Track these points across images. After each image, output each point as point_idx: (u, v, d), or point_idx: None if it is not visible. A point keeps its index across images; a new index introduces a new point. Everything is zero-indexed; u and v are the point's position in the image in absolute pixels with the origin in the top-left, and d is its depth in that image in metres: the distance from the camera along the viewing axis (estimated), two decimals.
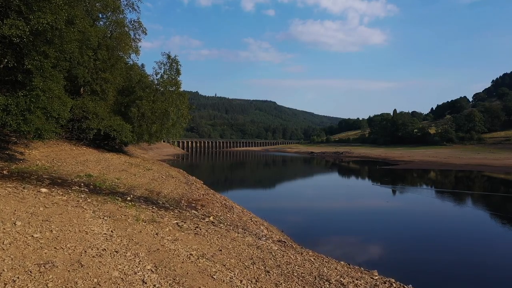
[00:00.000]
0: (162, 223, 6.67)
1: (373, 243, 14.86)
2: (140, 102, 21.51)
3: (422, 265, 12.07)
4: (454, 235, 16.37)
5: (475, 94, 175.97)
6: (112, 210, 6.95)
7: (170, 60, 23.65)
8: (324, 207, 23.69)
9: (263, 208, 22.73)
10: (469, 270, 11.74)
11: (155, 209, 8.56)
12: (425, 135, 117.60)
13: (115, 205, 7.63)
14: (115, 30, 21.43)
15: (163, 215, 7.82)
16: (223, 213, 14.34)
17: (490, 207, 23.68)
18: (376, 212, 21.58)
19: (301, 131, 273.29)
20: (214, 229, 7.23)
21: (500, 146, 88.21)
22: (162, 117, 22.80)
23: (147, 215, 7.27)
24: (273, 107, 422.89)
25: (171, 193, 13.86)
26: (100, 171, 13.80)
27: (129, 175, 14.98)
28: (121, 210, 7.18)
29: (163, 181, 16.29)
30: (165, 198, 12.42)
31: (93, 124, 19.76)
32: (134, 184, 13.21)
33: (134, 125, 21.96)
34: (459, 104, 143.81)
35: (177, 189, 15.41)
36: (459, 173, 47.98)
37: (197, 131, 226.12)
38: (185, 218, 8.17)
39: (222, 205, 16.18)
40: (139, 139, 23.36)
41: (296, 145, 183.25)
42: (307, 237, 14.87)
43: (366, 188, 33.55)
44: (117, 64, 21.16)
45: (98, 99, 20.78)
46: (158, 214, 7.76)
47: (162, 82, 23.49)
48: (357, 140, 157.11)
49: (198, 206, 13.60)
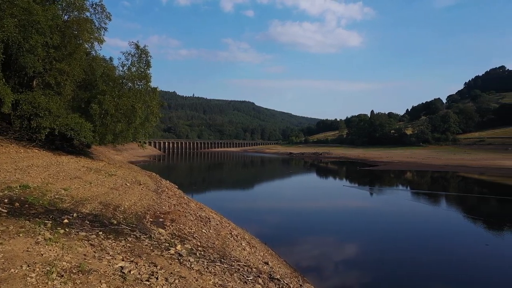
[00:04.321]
0: (96, 273, 4.26)
1: (364, 248, 15.17)
2: (102, 97, 18.68)
3: (403, 266, 12.89)
4: (436, 236, 16.86)
5: (449, 96, 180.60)
6: (16, 251, 4.47)
7: (139, 51, 20.89)
8: (305, 209, 23.91)
9: (243, 211, 23.14)
10: (440, 269, 12.27)
11: (99, 238, 6.12)
12: (402, 136, 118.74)
13: (31, 238, 5.14)
14: (73, 13, 18.56)
15: (106, 250, 5.40)
16: (197, 229, 11.96)
17: (477, 209, 24.36)
18: (374, 215, 21.40)
19: (279, 131, 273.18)
20: (178, 274, 4.90)
21: (474, 147, 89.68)
22: (129, 115, 20.03)
23: (77, 254, 4.83)
24: (251, 108, 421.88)
25: (134, 206, 11.35)
26: (44, 180, 11.11)
27: (82, 183, 12.33)
28: (35, 248, 4.70)
29: (126, 190, 13.72)
30: (124, 214, 9.92)
31: (45, 123, 16.87)
32: (86, 196, 10.63)
33: (96, 124, 19.12)
34: (434, 106, 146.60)
35: (143, 200, 12.89)
36: (441, 174, 47.66)
37: (174, 131, 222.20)
38: (140, 252, 5.77)
39: (196, 218, 13.78)
40: (102, 139, 20.48)
41: (275, 145, 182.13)
42: (287, 244, 15.26)
43: (352, 191, 32.13)
44: (76, 53, 18.29)
45: (53, 94, 17.87)
46: (98, 249, 5.34)
47: (129, 75, 20.70)
48: (335, 141, 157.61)
49: (167, 222, 11.16)
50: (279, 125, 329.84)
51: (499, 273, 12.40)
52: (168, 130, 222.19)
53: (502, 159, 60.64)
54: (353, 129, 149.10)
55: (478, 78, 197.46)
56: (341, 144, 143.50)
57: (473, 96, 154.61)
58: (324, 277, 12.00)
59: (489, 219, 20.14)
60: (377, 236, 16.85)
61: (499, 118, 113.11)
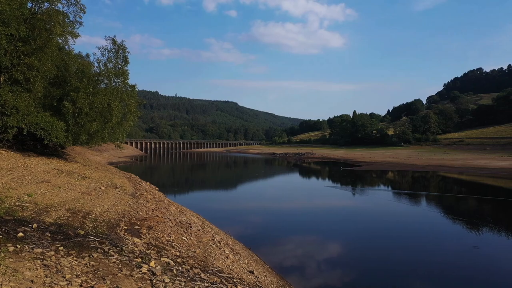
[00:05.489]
0: None
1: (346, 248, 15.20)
2: (76, 95, 17.45)
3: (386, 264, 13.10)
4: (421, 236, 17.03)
5: (429, 97, 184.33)
6: None
7: (116, 46, 19.73)
8: (288, 210, 24.01)
9: (226, 211, 22.91)
10: (421, 267, 12.56)
11: (57, 255, 5.22)
12: (383, 136, 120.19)
13: None
14: (43, 4, 17.28)
15: (63, 271, 4.52)
16: (177, 236, 11.08)
17: (457, 208, 24.96)
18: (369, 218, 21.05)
19: (262, 132, 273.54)
20: None
21: (454, 147, 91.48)
22: (105, 114, 18.84)
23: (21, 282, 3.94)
24: (234, 108, 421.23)
25: (107, 212, 10.39)
26: (5, 185, 10.02)
27: (50, 188, 11.26)
28: None
29: (100, 194, 12.70)
30: (95, 222, 8.97)
31: (12, 122, 15.59)
32: (52, 203, 9.61)
33: (69, 123, 17.88)
34: (415, 106, 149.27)
35: (118, 205, 11.91)
36: (422, 174, 48.03)
37: (156, 131, 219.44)
38: (105, 272, 4.91)
39: (176, 224, 12.88)
40: (75, 140, 19.21)
41: (258, 146, 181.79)
42: (271, 245, 15.20)
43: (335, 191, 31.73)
44: (47, 48, 17.01)
45: (21, 90, 16.57)
46: (53, 271, 4.45)
47: (105, 72, 19.51)
48: (318, 141, 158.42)
49: (143, 230, 10.25)
50: (262, 125, 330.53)
51: (478, 269, 12.71)
52: (150, 130, 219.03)
53: (481, 159, 61.85)
54: (335, 129, 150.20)
55: (457, 79, 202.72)
56: (324, 144, 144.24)
57: (452, 97, 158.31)
58: (309, 279, 11.92)
59: (471, 219, 20.31)
60: (363, 237, 16.92)
61: (477, 119, 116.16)
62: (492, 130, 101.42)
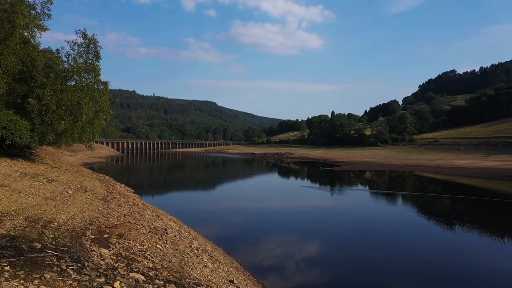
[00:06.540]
0: None
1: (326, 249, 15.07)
2: (42, 91, 16.18)
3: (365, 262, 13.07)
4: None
5: (405, 98, 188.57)
6: None
7: (86, 40, 18.51)
8: (267, 210, 23.82)
9: (204, 212, 22.26)
10: (397, 266, 12.78)
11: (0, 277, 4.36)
12: (361, 136, 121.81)
13: None
14: None
15: None
16: (151, 245, 10.22)
17: (432, 207, 25.33)
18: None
19: (241, 132, 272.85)
20: None
21: (429, 147, 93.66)
22: (74, 112, 17.61)
23: None
24: (213, 108, 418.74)
25: (72, 220, 9.43)
26: None
27: (8, 193, 10.18)
28: None
29: (66, 199, 11.66)
30: (57, 232, 8.03)
31: None
32: (9, 210, 8.60)
33: (35, 122, 16.59)
34: (391, 107, 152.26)
35: (85, 211, 10.94)
36: (399, 174, 48.73)
37: (133, 131, 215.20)
38: None
39: (151, 230, 12.00)
40: (42, 140, 17.88)
41: (237, 146, 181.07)
42: (251, 247, 14.89)
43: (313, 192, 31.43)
44: (10, 40, 15.70)
45: None
46: None
47: (75, 68, 18.25)
48: (297, 141, 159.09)
49: (112, 238, 9.35)
50: (241, 125, 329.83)
51: (454, 267, 12.73)
52: (127, 130, 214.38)
53: (456, 158, 63.39)
54: (314, 129, 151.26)
55: (432, 81, 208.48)
56: (303, 144, 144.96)
57: (427, 98, 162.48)
58: (289, 281, 11.73)
59: (447, 218, 20.43)
60: (342, 236, 17.03)
61: (451, 120, 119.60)
62: (465, 130, 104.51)
